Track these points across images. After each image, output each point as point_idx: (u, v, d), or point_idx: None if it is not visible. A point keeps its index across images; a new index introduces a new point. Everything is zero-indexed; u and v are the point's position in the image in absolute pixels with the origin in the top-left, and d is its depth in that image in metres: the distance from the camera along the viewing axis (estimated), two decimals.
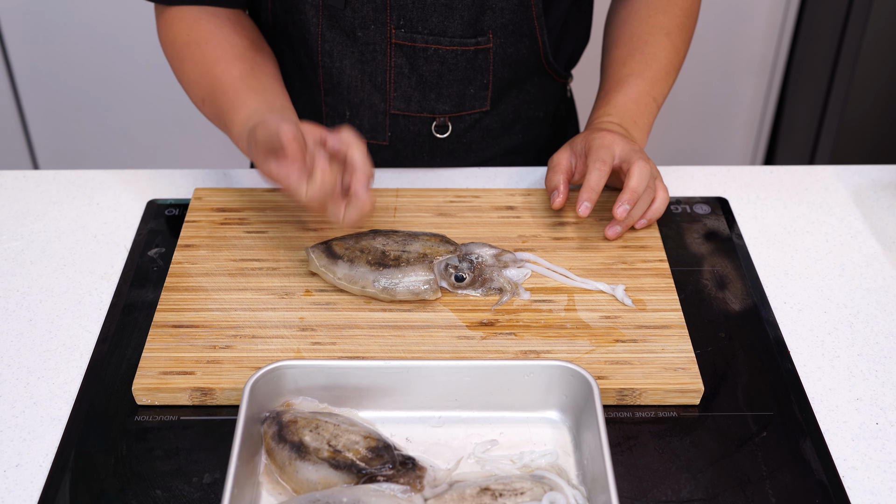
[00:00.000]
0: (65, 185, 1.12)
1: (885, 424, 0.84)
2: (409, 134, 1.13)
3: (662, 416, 0.84)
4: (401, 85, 1.09)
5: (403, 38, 1.05)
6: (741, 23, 2.16)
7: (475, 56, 1.07)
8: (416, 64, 1.07)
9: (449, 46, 1.05)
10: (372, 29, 1.05)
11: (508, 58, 1.09)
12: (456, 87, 1.10)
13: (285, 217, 1.03)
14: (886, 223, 1.07)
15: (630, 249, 0.99)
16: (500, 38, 1.07)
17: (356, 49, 1.07)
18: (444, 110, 1.11)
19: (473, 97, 1.11)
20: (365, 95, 1.10)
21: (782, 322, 0.94)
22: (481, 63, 1.08)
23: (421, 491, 0.74)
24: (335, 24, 1.06)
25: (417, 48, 1.06)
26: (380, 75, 1.08)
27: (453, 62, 1.07)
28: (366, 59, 1.07)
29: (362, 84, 1.09)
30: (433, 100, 1.10)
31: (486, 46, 1.06)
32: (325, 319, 0.90)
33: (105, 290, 0.97)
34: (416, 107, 1.10)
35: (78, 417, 0.83)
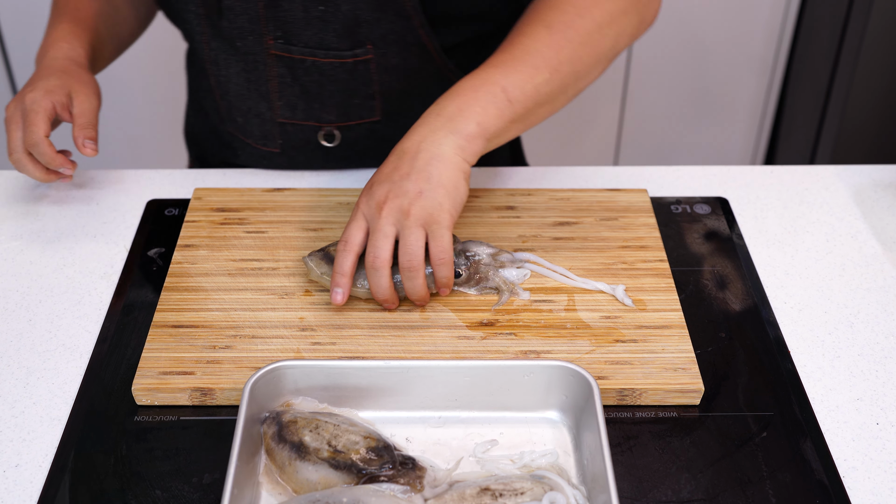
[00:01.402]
0: (65, 185, 1.12)
1: (886, 424, 0.84)
2: (299, 141, 1.11)
3: (662, 416, 0.84)
4: (285, 94, 1.07)
5: (281, 49, 1.03)
6: (741, 23, 2.16)
7: (354, 68, 1.04)
8: (297, 74, 1.05)
9: (325, 59, 1.03)
10: (250, 39, 1.04)
11: (395, 68, 1.05)
12: (339, 98, 1.07)
13: (285, 217, 1.03)
14: (887, 223, 1.07)
15: (630, 249, 0.99)
16: (381, 49, 1.03)
17: (239, 58, 1.06)
18: (330, 119, 1.09)
19: (360, 107, 1.08)
20: (252, 104, 1.09)
21: (782, 322, 0.94)
22: (362, 74, 1.05)
23: (421, 491, 0.74)
24: (217, 34, 1.05)
25: (296, 59, 1.04)
26: (264, 84, 1.07)
27: (332, 73, 1.05)
28: (249, 68, 1.06)
29: (249, 92, 1.09)
30: (318, 109, 1.08)
31: (366, 58, 1.03)
32: (325, 319, 0.90)
33: (105, 290, 0.97)
34: (301, 115, 1.09)
35: (78, 417, 0.83)
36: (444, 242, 0.85)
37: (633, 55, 2.21)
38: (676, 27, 2.17)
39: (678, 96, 2.27)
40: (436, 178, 0.86)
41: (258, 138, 1.12)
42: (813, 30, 2.13)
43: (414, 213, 0.85)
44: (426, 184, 0.86)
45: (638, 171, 1.14)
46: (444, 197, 0.86)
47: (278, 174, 1.13)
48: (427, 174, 0.86)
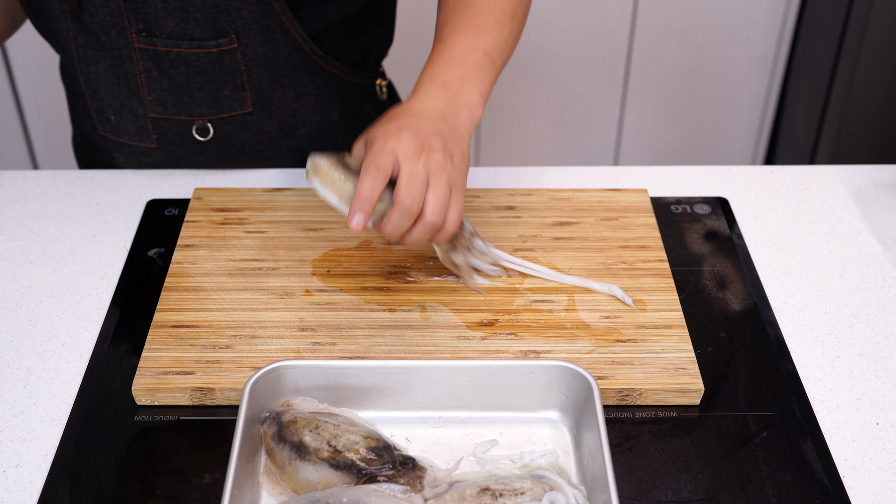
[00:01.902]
0: (65, 185, 1.12)
1: (886, 424, 0.84)
2: (175, 136, 1.10)
3: (662, 416, 0.84)
4: (154, 88, 1.06)
5: (145, 42, 1.02)
6: (741, 23, 2.16)
7: (220, 57, 1.04)
8: (164, 67, 1.04)
9: (189, 49, 1.02)
10: (113, 34, 1.03)
11: (262, 57, 1.04)
12: (208, 90, 1.06)
13: (285, 217, 1.03)
14: (887, 223, 1.07)
15: (630, 249, 0.99)
16: (244, 37, 1.03)
17: (106, 53, 1.05)
18: (202, 112, 1.08)
19: (231, 98, 1.07)
20: (124, 100, 1.08)
21: (782, 322, 0.94)
22: (229, 64, 1.04)
23: (421, 491, 0.74)
24: (83, 29, 1.04)
25: (161, 52, 1.03)
26: (132, 79, 1.06)
27: (198, 65, 1.04)
28: (116, 63, 1.05)
29: (119, 88, 1.07)
30: (188, 103, 1.07)
31: (231, 47, 1.03)
32: (325, 319, 0.90)
33: (105, 290, 0.97)
34: (173, 110, 1.08)
35: (78, 417, 0.83)
36: (461, 208, 0.84)
37: (633, 55, 2.21)
38: (676, 27, 2.17)
39: (678, 96, 2.27)
40: (460, 152, 0.85)
41: (133, 135, 1.11)
42: (813, 30, 2.13)
43: (447, 173, 0.82)
44: (456, 150, 0.85)
45: (638, 171, 1.14)
46: (465, 169, 0.86)
47: (278, 174, 1.13)
48: (455, 143, 0.85)
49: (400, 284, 0.94)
